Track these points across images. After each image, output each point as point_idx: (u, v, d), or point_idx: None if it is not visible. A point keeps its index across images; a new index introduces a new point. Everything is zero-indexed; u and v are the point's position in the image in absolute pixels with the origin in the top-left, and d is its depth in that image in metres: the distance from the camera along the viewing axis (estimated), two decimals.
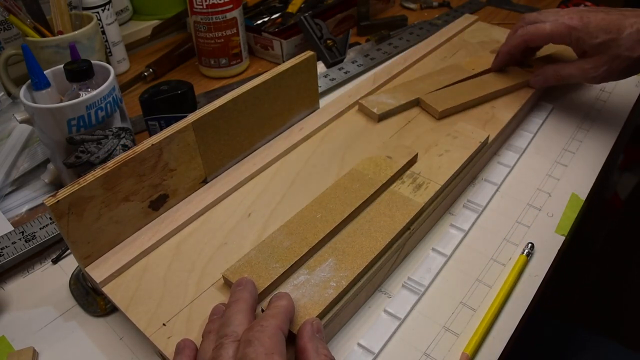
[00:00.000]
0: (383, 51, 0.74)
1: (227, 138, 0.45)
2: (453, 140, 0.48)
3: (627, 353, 0.64)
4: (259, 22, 0.80)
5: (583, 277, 0.87)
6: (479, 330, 0.36)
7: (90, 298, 0.40)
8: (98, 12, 0.68)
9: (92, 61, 0.48)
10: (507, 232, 0.45)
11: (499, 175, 0.50)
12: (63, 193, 0.34)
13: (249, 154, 0.49)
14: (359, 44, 0.78)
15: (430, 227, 0.45)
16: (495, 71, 0.59)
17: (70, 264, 0.44)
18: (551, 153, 0.54)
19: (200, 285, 0.37)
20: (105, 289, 0.37)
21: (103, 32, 0.70)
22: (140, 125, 0.61)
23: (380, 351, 0.36)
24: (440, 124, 0.52)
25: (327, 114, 0.53)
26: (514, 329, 0.37)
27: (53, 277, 0.43)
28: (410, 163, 0.46)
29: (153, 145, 0.39)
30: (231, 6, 0.67)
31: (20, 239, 0.44)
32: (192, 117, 0.41)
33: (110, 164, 0.36)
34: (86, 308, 0.40)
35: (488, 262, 0.42)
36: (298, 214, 0.40)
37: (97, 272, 0.37)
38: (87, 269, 0.38)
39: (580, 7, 0.54)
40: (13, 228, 0.46)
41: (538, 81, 0.57)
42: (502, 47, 0.58)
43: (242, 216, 0.43)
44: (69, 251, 0.45)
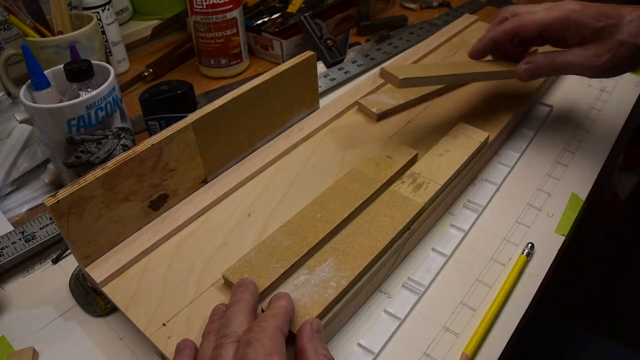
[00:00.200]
0: (383, 51, 0.74)
1: (227, 138, 0.45)
2: (453, 140, 0.48)
3: (627, 353, 0.64)
4: (259, 22, 0.80)
5: (583, 277, 0.87)
6: (479, 330, 0.36)
7: (90, 298, 0.40)
8: (98, 12, 0.68)
9: (92, 61, 0.48)
10: (507, 232, 0.45)
11: (499, 175, 0.50)
12: (63, 193, 0.34)
13: (249, 154, 0.49)
14: (359, 44, 0.78)
15: (430, 227, 0.45)
16: (474, 58, 0.52)
17: (70, 264, 0.44)
18: (551, 153, 0.54)
19: (200, 285, 0.37)
20: (105, 289, 0.37)
21: (103, 32, 0.70)
22: (140, 125, 0.61)
23: (380, 351, 0.36)
24: (440, 124, 0.52)
25: (327, 114, 0.53)
26: (514, 329, 0.37)
27: (53, 277, 0.43)
28: (410, 163, 0.46)
29: (153, 145, 0.39)
30: (231, 6, 0.67)
31: (20, 239, 0.44)
32: (192, 117, 0.41)
33: (110, 164, 0.36)
34: (86, 308, 0.40)
35: (488, 262, 0.42)
36: (298, 214, 0.40)
37: (97, 272, 0.37)
38: (87, 269, 0.38)
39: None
40: (13, 228, 0.46)
41: (528, 70, 0.48)
42: (486, 33, 0.50)
43: (242, 216, 0.43)
44: (69, 251, 0.45)
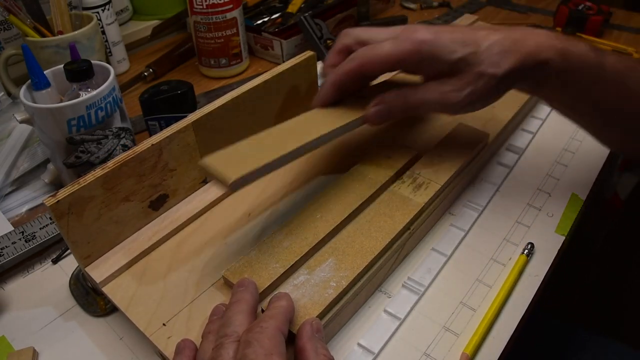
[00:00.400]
0: None
1: (227, 138, 0.45)
2: (453, 140, 0.48)
3: (627, 353, 0.64)
4: (259, 22, 0.80)
5: (583, 277, 0.87)
6: (479, 330, 0.36)
7: (90, 298, 0.40)
8: (98, 12, 0.68)
9: (92, 61, 0.48)
10: (507, 232, 0.45)
11: (499, 175, 0.50)
12: (63, 193, 0.34)
13: None
14: None
15: (430, 227, 0.45)
16: (318, 108, 0.43)
17: (70, 264, 0.44)
18: (551, 153, 0.54)
19: (200, 285, 0.37)
20: (105, 289, 0.37)
21: (103, 32, 0.70)
22: (140, 125, 0.61)
23: (380, 351, 0.36)
24: (440, 125, 0.52)
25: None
26: (514, 329, 0.37)
27: (53, 277, 0.43)
28: (410, 163, 0.46)
29: (153, 145, 0.39)
30: (231, 6, 0.67)
31: (20, 239, 0.44)
32: (192, 117, 0.41)
33: (110, 164, 0.36)
34: (86, 308, 0.40)
35: (488, 262, 0.42)
36: (298, 214, 0.40)
37: (97, 272, 0.37)
38: (87, 269, 0.38)
39: (416, 24, 0.44)
40: (13, 228, 0.46)
41: (379, 113, 0.42)
42: (329, 77, 0.42)
43: (242, 216, 0.43)
44: (69, 251, 0.45)
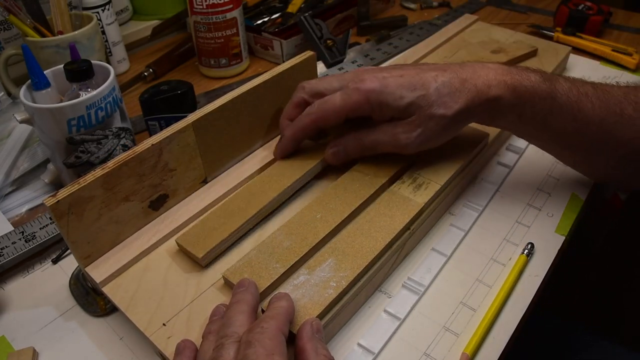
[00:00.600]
0: (383, 51, 0.74)
1: (227, 138, 0.45)
2: (453, 140, 0.48)
3: (627, 353, 0.64)
4: (259, 22, 0.80)
5: (583, 277, 0.87)
6: (479, 330, 0.36)
7: (90, 298, 0.40)
8: (98, 12, 0.68)
9: (92, 61, 0.48)
10: (507, 232, 0.45)
11: (499, 175, 0.50)
12: (63, 193, 0.34)
13: (249, 154, 0.49)
14: (359, 44, 0.78)
15: (430, 227, 0.45)
16: (280, 159, 0.47)
17: (70, 264, 0.44)
18: None
19: (200, 285, 0.37)
20: (105, 289, 0.37)
21: (103, 32, 0.70)
22: (140, 125, 0.61)
23: (380, 351, 0.36)
24: None
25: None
26: (514, 329, 0.37)
27: (53, 277, 0.43)
28: (410, 163, 0.46)
29: (153, 145, 0.39)
30: (231, 6, 0.67)
31: (20, 239, 0.44)
32: (192, 117, 0.41)
33: (110, 164, 0.36)
34: (86, 308, 0.40)
35: (488, 262, 0.42)
36: (298, 214, 0.40)
37: (97, 272, 0.37)
38: (87, 269, 0.38)
39: (366, 68, 0.45)
40: (13, 228, 0.46)
41: (336, 154, 0.45)
42: (286, 131, 0.45)
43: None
44: (69, 251, 0.45)
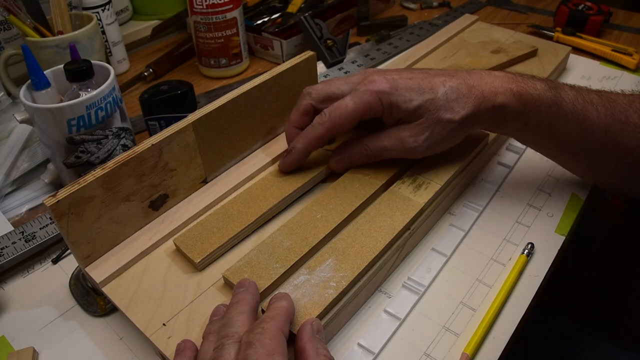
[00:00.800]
0: (383, 51, 0.74)
1: (227, 138, 0.45)
2: None
3: (627, 353, 0.64)
4: (259, 22, 0.80)
5: (583, 277, 0.87)
6: (479, 330, 0.36)
7: (90, 298, 0.40)
8: (98, 12, 0.68)
9: (92, 61, 0.48)
10: (507, 232, 0.45)
11: (499, 175, 0.50)
12: (63, 193, 0.34)
13: (249, 154, 0.49)
14: (359, 44, 0.78)
15: (430, 227, 0.45)
16: (287, 169, 0.45)
17: (70, 264, 0.44)
18: None
19: (200, 285, 0.37)
20: (105, 289, 0.37)
21: (103, 32, 0.70)
22: (140, 125, 0.61)
23: (380, 351, 0.36)
24: None
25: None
26: (514, 329, 0.37)
27: (53, 277, 0.43)
28: (410, 163, 0.45)
29: (153, 145, 0.39)
30: (231, 6, 0.67)
31: (20, 239, 0.44)
32: (192, 117, 0.41)
33: (110, 164, 0.36)
34: (86, 308, 0.40)
35: (488, 262, 0.42)
36: (298, 214, 0.40)
37: (97, 272, 0.37)
38: (87, 269, 0.38)
39: (373, 69, 0.44)
40: (13, 228, 0.46)
41: (340, 161, 0.44)
42: (298, 143, 0.43)
43: None
44: (69, 251, 0.45)
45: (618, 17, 0.85)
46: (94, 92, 0.45)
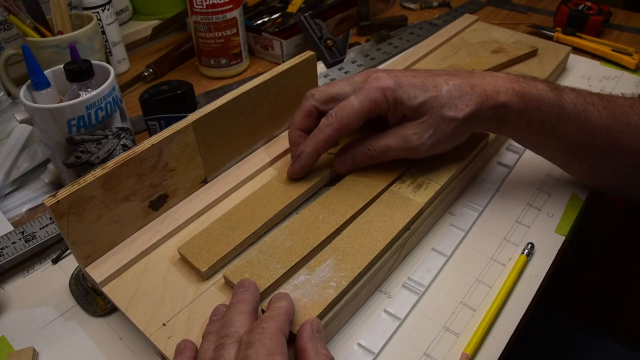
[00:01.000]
0: (383, 51, 0.74)
1: (227, 138, 0.45)
2: None
3: (627, 353, 0.64)
4: (259, 22, 0.80)
5: (583, 277, 0.87)
6: (479, 330, 0.36)
7: (90, 298, 0.40)
8: (98, 12, 0.68)
9: (92, 61, 0.48)
10: (507, 232, 0.45)
11: (499, 175, 0.50)
12: (63, 193, 0.34)
13: (249, 154, 0.49)
14: (359, 44, 0.78)
15: (430, 227, 0.45)
16: (297, 176, 0.44)
17: (70, 264, 0.44)
18: None
19: (200, 285, 0.37)
20: (105, 289, 0.37)
21: (103, 32, 0.70)
22: (140, 125, 0.61)
23: (380, 351, 0.36)
24: None
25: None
26: (514, 329, 0.37)
27: (53, 277, 0.43)
28: (412, 163, 0.46)
29: (153, 145, 0.39)
30: (231, 6, 0.67)
31: (20, 239, 0.44)
32: (192, 117, 0.41)
33: (110, 164, 0.36)
34: (86, 308, 0.40)
35: (488, 262, 0.42)
36: (300, 215, 0.40)
37: (97, 272, 0.37)
38: (87, 269, 0.38)
39: (375, 69, 0.44)
40: (13, 228, 0.46)
41: (343, 163, 0.44)
42: (306, 148, 0.42)
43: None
44: (69, 251, 0.45)
45: (618, 17, 0.85)
46: (94, 92, 0.45)
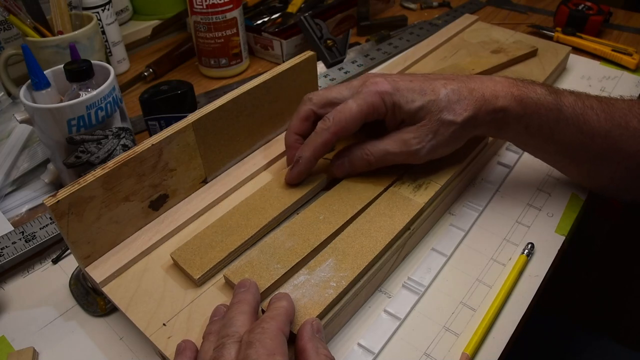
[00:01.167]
0: (383, 51, 0.74)
1: (227, 138, 0.45)
2: None
3: (627, 353, 0.64)
4: (259, 22, 0.80)
5: (583, 277, 0.87)
6: (479, 330, 0.36)
7: (90, 298, 0.40)
8: (98, 12, 0.68)
9: (92, 61, 0.48)
10: (507, 232, 0.45)
11: (499, 175, 0.50)
12: (63, 193, 0.34)
13: (249, 154, 0.49)
14: (359, 44, 0.78)
15: (430, 227, 0.45)
16: (295, 181, 0.43)
17: (70, 264, 0.44)
18: None
19: (200, 285, 0.37)
20: (105, 289, 0.37)
21: (103, 32, 0.70)
22: (140, 125, 0.61)
23: (380, 351, 0.36)
24: None
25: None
26: (514, 329, 0.37)
27: (53, 277, 0.43)
28: (411, 164, 0.45)
29: (153, 145, 0.39)
30: (231, 6, 0.67)
31: (20, 239, 0.44)
32: (192, 117, 0.41)
33: (110, 164, 0.36)
34: (86, 308, 0.40)
35: (488, 262, 0.42)
36: (301, 215, 0.40)
37: (97, 272, 0.37)
38: (87, 269, 0.38)
39: (373, 73, 0.44)
40: (13, 228, 0.46)
41: (340, 166, 0.43)
42: (304, 153, 0.42)
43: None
44: (69, 251, 0.45)
45: (618, 17, 0.85)
46: (94, 92, 0.45)
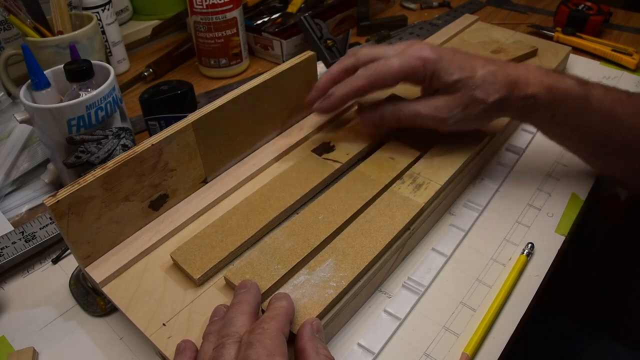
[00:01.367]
0: None
1: (227, 138, 0.45)
2: (453, 140, 0.48)
3: (627, 353, 0.64)
4: (259, 22, 0.80)
5: (583, 277, 0.87)
6: (479, 330, 0.36)
7: (90, 298, 0.40)
8: (98, 12, 0.68)
9: (92, 61, 0.48)
10: (507, 232, 0.45)
11: (499, 175, 0.50)
12: (63, 193, 0.34)
13: (249, 154, 0.49)
14: (359, 44, 0.78)
15: (430, 227, 0.45)
16: (321, 113, 0.46)
17: (70, 264, 0.44)
18: (551, 153, 0.53)
19: (200, 285, 0.37)
20: (105, 289, 0.37)
21: (103, 32, 0.70)
22: (140, 125, 0.61)
23: (380, 351, 0.36)
24: None
25: (327, 114, 0.53)
26: (514, 329, 0.37)
27: (53, 277, 0.43)
28: (413, 164, 0.46)
29: (153, 145, 0.39)
30: (231, 6, 0.67)
31: (20, 239, 0.44)
32: (192, 117, 0.41)
33: (110, 164, 0.36)
34: (86, 308, 0.40)
35: (488, 262, 0.42)
36: (300, 215, 0.40)
37: (97, 272, 0.37)
38: (87, 269, 0.38)
39: (420, 40, 0.46)
40: (13, 228, 0.46)
41: (370, 120, 0.45)
42: (337, 91, 0.44)
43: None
44: (69, 251, 0.45)
45: (618, 17, 0.85)
46: (94, 92, 0.45)
